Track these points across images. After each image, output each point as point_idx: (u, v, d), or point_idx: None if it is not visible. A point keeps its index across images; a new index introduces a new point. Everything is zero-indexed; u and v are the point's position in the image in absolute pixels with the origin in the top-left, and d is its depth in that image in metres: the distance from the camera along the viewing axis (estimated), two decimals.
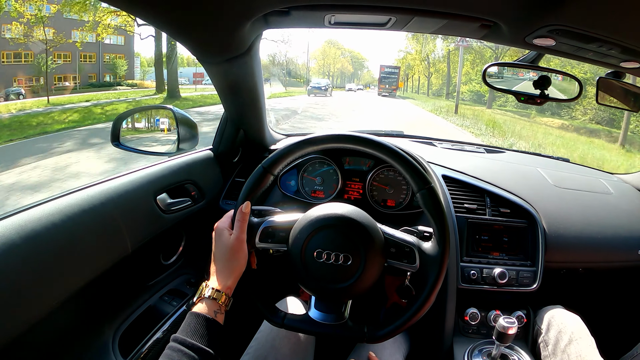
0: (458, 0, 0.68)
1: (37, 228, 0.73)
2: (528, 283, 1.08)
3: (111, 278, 0.90)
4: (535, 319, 1.09)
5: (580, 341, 0.95)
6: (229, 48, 0.92)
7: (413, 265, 0.75)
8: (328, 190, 1.27)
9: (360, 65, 69.22)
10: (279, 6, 0.74)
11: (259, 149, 1.39)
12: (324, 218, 0.76)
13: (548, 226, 1.15)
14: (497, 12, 0.71)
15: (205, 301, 0.72)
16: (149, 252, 1.09)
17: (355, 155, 1.27)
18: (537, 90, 1.02)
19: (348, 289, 0.74)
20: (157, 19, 0.74)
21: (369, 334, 0.76)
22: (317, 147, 0.82)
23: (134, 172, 1.03)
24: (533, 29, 0.72)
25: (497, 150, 1.60)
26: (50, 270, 0.73)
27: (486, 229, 1.14)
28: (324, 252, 0.74)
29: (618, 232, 1.20)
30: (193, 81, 24.41)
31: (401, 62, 36.85)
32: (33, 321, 0.70)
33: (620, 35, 0.69)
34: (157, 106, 1.31)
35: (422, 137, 1.67)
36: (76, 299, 0.80)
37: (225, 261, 0.75)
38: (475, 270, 1.08)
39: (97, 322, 0.94)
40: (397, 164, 0.77)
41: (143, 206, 1.00)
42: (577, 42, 0.74)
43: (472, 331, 1.11)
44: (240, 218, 0.78)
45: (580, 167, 1.60)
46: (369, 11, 0.75)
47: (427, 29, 0.85)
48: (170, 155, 1.22)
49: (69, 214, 0.79)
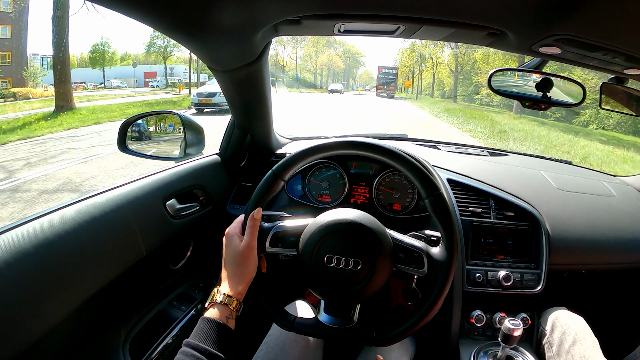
0: (467, 10, 0.70)
1: (49, 236, 0.73)
2: (532, 285, 1.10)
3: (123, 283, 0.91)
4: (539, 321, 1.11)
5: (584, 342, 0.96)
6: (240, 57, 0.93)
7: (421, 270, 0.76)
8: (334, 194, 1.28)
9: (356, 62, 61.12)
10: (290, 15, 0.75)
11: (266, 153, 1.40)
12: (334, 224, 0.77)
13: (552, 229, 1.16)
14: (505, 22, 0.72)
15: (217, 306, 0.72)
16: (159, 257, 1.10)
17: (361, 159, 1.28)
18: (539, 92, 1.04)
19: (357, 293, 0.75)
20: (169, 28, 0.75)
21: (377, 337, 0.77)
22: (327, 153, 0.83)
23: (143, 179, 1.03)
24: (539, 38, 0.73)
25: (500, 153, 1.61)
26: (63, 278, 0.74)
27: (491, 232, 1.15)
28: (334, 257, 0.75)
29: (620, 235, 1.21)
30: (144, 82, 21.83)
31: (408, 55, 36.60)
32: (47, 329, 0.71)
33: (625, 44, 0.71)
34: (164, 111, 1.31)
35: (426, 140, 1.68)
36: (89, 305, 0.80)
37: (236, 267, 0.76)
38: (480, 273, 1.10)
39: (109, 328, 0.94)
40: (406, 171, 0.79)
41: (153, 212, 1.01)
42: (582, 50, 0.75)
43: (478, 333, 1.12)
44: (252, 224, 0.79)
45: (583, 169, 1.61)
46: (379, 20, 0.76)
47: (435, 36, 0.86)
48: (177, 160, 1.23)
49: (80, 222, 0.80)
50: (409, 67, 37.94)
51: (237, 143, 1.29)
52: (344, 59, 57.08)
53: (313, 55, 52.02)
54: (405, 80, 36.42)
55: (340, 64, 56.55)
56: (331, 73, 56.73)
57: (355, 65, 62.42)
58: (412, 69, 37.75)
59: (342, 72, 59.39)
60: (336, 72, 57.50)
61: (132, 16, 0.67)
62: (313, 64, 53.04)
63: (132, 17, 0.67)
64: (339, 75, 58.35)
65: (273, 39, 0.95)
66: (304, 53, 51.79)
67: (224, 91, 1.10)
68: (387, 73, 31.22)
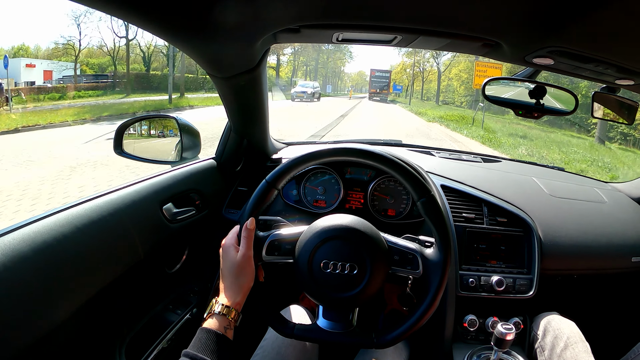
0: (463, 22, 0.71)
1: (48, 240, 0.73)
2: (525, 290, 1.11)
3: (120, 287, 0.91)
4: (531, 325, 1.12)
5: (575, 346, 0.98)
6: (239, 64, 0.93)
7: (416, 271, 0.78)
8: (330, 199, 1.28)
9: (340, 55, 48.38)
10: (290, 24, 0.76)
11: (262, 157, 1.40)
12: (330, 229, 0.78)
13: (544, 235, 1.18)
14: (500, 34, 0.74)
15: (215, 317, 0.73)
16: (155, 261, 1.10)
17: (356, 165, 1.29)
18: (532, 99, 1.05)
19: (355, 297, 0.76)
20: (170, 35, 0.75)
21: (377, 340, 0.78)
22: (319, 160, 0.84)
23: (139, 182, 1.03)
24: (533, 49, 0.75)
25: (494, 160, 1.63)
26: (61, 282, 0.74)
27: (484, 237, 1.17)
28: (330, 263, 0.76)
29: (612, 240, 1.23)
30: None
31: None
32: (44, 333, 0.71)
33: (616, 56, 0.73)
34: (160, 115, 1.31)
35: (420, 147, 1.69)
36: (86, 309, 0.81)
37: (233, 278, 0.77)
38: (473, 278, 1.11)
39: (106, 331, 0.94)
40: (398, 175, 0.80)
41: (150, 216, 1.01)
42: (575, 62, 0.77)
43: (471, 337, 1.13)
44: (246, 235, 0.79)
45: (575, 176, 1.63)
46: (377, 30, 0.77)
47: (431, 46, 0.88)
48: (173, 164, 1.23)
49: (78, 225, 0.80)
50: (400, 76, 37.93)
51: (233, 147, 1.29)
52: (319, 51, 45.15)
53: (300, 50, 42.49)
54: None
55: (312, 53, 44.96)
56: (309, 72, 47.55)
57: (340, 57, 50.35)
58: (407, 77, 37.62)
59: (331, 70, 51.22)
60: (307, 69, 47.28)
61: (134, 22, 0.67)
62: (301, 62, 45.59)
63: (133, 24, 0.68)
64: (309, 73, 47.15)
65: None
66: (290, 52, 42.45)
67: (222, 97, 1.11)
68: (380, 76, 30.31)
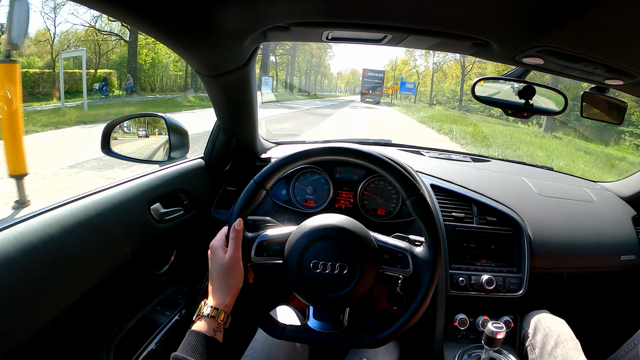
0: (453, 21, 0.70)
1: (34, 240, 0.72)
2: (514, 289, 1.12)
3: (107, 288, 0.90)
4: (522, 324, 1.13)
5: (565, 344, 0.99)
6: (227, 62, 0.92)
7: (407, 270, 0.78)
8: (319, 199, 1.28)
9: (320, 53, 44.36)
10: (280, 22, 0.75)
11: (251, 157, 1.39)
12: (319, 229, 0.78)
13: (533, 234, 1.18)
14: (489, 33, 0.74)
15: (204, 319, 0.72)
16: (143, 262, 1.08)
17: (346, 164, 1.28)
18: (522, 99, 1.05)
19: (345, 297, 0.76)
20: (160, 33, 0.74)
21: (368, 340, 0.78)
22: (308, 160, 0.83)
23: (127, 182, 1.02)
24: (523, 49, 0.75)
25: (483, 159, 1.63)
26: (48, 282, 0.73)
27: (474, 237, 1.17)
28: (319, 263, 0.75)
29: (601, 239, 1.25)
30: None
31: None
32: (30, 335, 0.69)
33: (605, 57, 0.73)
34: (149, 114, 1.29)
35: (410, 146, 1.69)
36: (73, 311, 0.79)
37: (222, 279, 0.76)
38: (463, 277, 1.11)
39: (94, 333, 0.93)
40: (387, 174, 0.79)
41: (138, 216, 0.99)
42: (565, 61, 0.77)
43: (462, 336, 1.14)
44: (234, 236, 0.78)
45: (564, 175, 1.65)
46: (367, 29, 0.77)
47: (421, 45, 0.87)
48: (161, 164, 1.21)
49: (65, 225, 0.78)
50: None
51: (222, 147, 1.28)
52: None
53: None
54: (395, 85, 35.71)
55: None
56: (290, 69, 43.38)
57: (322, 54, 46.62)
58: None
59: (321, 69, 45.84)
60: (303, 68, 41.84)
61: (123, 20, 0.67)
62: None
63: (122, 21, 0.67)
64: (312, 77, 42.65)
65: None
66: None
67: (210, 95, 1.09)
68: (373, 77, 29.36)
